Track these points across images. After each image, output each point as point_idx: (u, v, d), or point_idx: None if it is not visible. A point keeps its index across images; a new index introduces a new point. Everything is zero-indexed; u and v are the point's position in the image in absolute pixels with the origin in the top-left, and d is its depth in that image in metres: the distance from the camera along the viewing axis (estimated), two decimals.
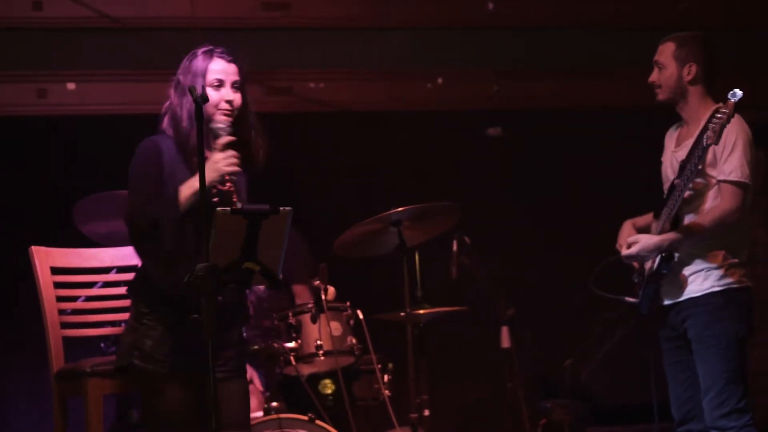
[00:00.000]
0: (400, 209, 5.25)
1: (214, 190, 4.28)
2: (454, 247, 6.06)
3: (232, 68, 4.49)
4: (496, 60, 7.33)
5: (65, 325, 4.87)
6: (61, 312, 4.89)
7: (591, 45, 7.38)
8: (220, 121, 4.34)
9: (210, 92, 4.35)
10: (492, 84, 7.33)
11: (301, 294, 6.01)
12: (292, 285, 6.00)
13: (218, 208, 3.97)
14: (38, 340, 4.93)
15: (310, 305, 5.37)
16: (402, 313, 5.38)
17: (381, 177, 6.96)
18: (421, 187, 6.51)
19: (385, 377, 5.60)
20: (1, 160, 6.57)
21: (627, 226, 4.85)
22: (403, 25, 7.23)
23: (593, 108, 7.33)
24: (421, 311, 5.47)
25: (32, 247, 4.91)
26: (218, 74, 4.46)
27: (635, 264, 4.77)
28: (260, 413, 5.11)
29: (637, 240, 4.65)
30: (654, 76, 4.79)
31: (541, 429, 6.60)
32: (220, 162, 4.24)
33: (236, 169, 4.25)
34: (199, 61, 4.49)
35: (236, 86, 4.47)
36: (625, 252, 4.69)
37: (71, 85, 6.80)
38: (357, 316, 5.44)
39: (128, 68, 6.51)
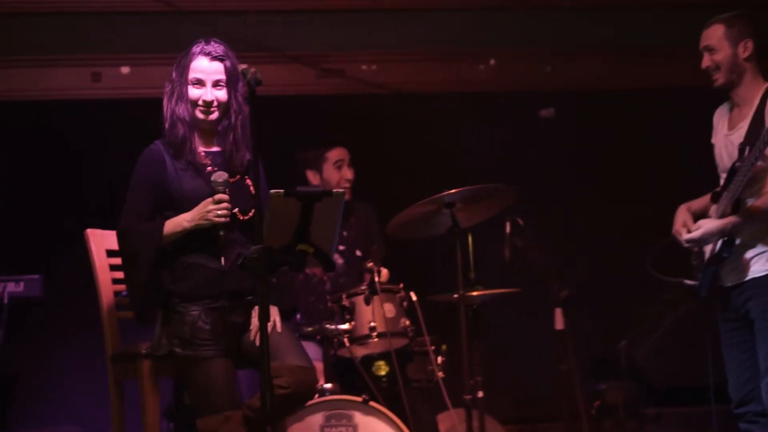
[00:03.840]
0: (453, 191, 5.24)
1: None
2: (507, 229, 6.03)
3: (214, 67, 4.56)
4: (549, 40, 7.29)
5: (121, 307, 4.91)
6: (117, 294, 4.93)
7: (643, 24, 7.31)
8: (219, 175, 4.47)
9: (190, 90, 4.47)
10: (545, 65, 7.30)
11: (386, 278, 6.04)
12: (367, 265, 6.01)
13: (272, 190, 4.00)
14: (94, 322, 4.97)
15: (363, 287, 5.37)
16: (455, 295, 5.36)
17: (434, 158, 6.94)
18: (474, 168, 6.48)
19: (439, 359, 5.60)
20: (56, 143, 6.62)
21: (682, 211, 4.80)
22: (456, 5, 7.21)
23: (647, 88, 7.27)
24: (475, 293, 5.46)
25: (88, 230, 4.95)
26: (198, 73, 4.56)
27: (695, 248, 4.74)
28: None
29: (699, 225, 4.62)
30: (707, 62, 4.74)
31: (595, 411, 6.58)
32: (211, 212, 4.43)
33: (224, 220, 4.43)
34: (184, 60, 4.57)
35: (219, 85, 4.52)
36: (687, 236, 4.65)
37: (125, 69, 6.85)
38: (410, 297, 5.43)
39: (182, 52, 6.54)
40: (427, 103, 7.08)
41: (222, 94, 4.54)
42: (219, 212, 4.43)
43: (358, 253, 6.06)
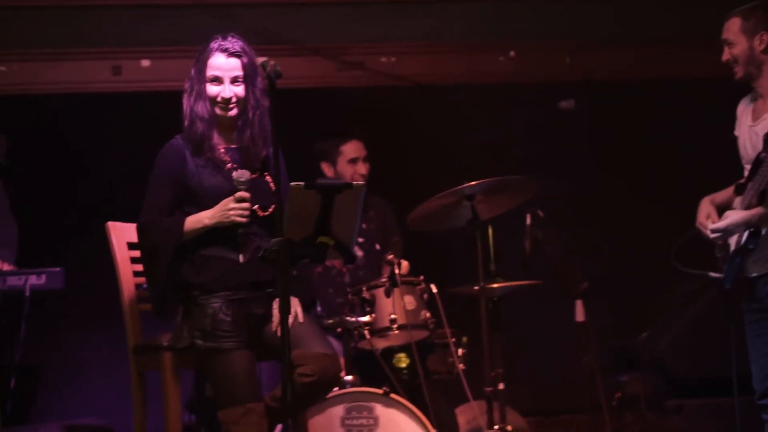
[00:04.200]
0: (473, 183, 5.24)
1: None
2: (528, 221, 6.02)
3: (231, 63, 4.57)
4: (568, 32, 7.27)
5: (142, 300, 4.93)
6: (138, 286, 4.94)
7: (664, 14, 7.28)
8: (241, 174, 4.46)
9: (209, 87, 4.48)
10: (565, 56, 7.28)
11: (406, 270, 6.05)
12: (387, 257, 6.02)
13: (292, 183, 4.00)
14: (116, 314, 4.99)
15: (383, 279, 5.37)
16: (476, 287, 5.36)
17: (454, 151, 6.93)
18: (494, 160, 6.47)
19: (460, 351, 5.60)
20: (76, 135, 6.63)
21: (706, 203, 4.78)
22: None
23: (668, 78, 7.25)
24: (495, 285, 5.47)
25: (108, 222, 4.97)
26: (215, 70, 4.57)
27: (719, 240, 4.72)
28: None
29: (725, 216, 4.61)
30: (726, 55, 4.74)
31: (617, 402, 6.57)
32: (232, 212, 4.44)
33: (243, 221, 4.44)
34: (202, 57, 4.58)
35: (237, 81, 4.53)
36: (713, 225, 4.64)
37: (146, 62, 6.86)
38: (431, 290, 5.43)
39: (202, 45, 6.55)
40: (447, 95, 7.08)
41: (240, 89, 4.55)
42: (240, 211, 4.44)
43: (378, 246, 6.06)
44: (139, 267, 4.94)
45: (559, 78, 7.25)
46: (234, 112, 4.56)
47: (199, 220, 4.50)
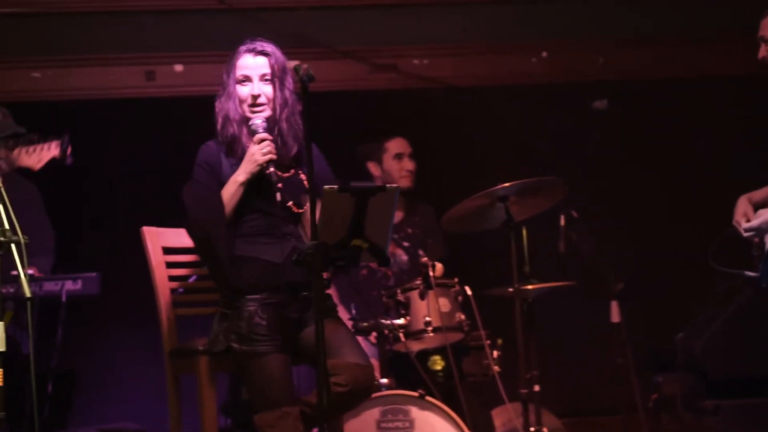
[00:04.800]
0: (506, 184, 5.23)
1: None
2: (562, 222, 6.01)
3: (259, 62, 4.60)
4: (601, 31, 7.24)
5: (177, 304, 4.95)
6: (173, 291, 4.96)
7: (697, 12, 7.25)
8: (253, 119, 4.52)
9: (238, 88, 4.51)
10: (598, 56, 7.25)
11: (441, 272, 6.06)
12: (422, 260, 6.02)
13: (326, 186, 4.01)
14: (151, 319, 5.01)
15: (418, 282, 5.37)
16: (510, 289, 5.36)
17: (487, 152, 6.92)
18: (527, 161, 6.46)
19: (495, 353, 5.59)
20: (110, 141, 6.66)
21: (743, 201, 4.75)
22: None
23: (701, 76, 7.21)
24: (530, 286, 5.45)
25: (143, 227, 4.99)
26: (244, 70, 4.61)
27: (755, 238, 4.69)
28: None
29: (759, 214, 4.58)
30: (762, 52, 4.71)
31: (652, 403, 6.54)
32: (256, 153, 4.47)
33: (272, 156, 4.47)
34: (231, 60, 4.64)
35: (266, 79, 4.55)
36: (746, 224, 4.61)
37: (179, 67, 6.89)
38: (465, 292, 5.42)
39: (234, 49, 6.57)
40: (480, 96, 7.07)
41: (269, 88, 4.57)
42: (264, 150, 4.47)
43: (421, 252, 6.08)
44: (175, 271, 4.97)
45: (591, 78, 7.23)
46: (264, 113, 4.57)
47: (231, 182, 4.52)
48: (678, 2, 7.24)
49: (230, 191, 4.51)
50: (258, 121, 4.53)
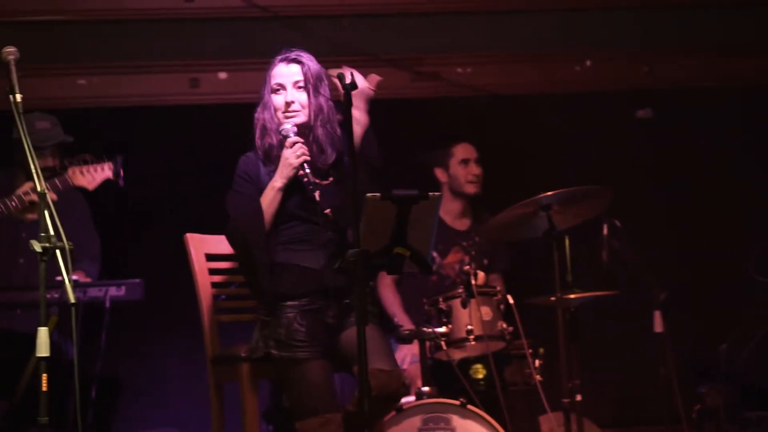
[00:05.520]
0: (549, 193, 5.22)
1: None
2: (605, 231, 5.98)
3: (292, 69, 4.64)
4: (645, 40, 7.22)
5: (220, 311, 4.97)
6: (216, 298, 4.98)
7: (742, 21, 7.21)
8: (285, 124, 4.57)
9: (273, 98, 4.54)
10: (642, 64, 7.23)
11: (494, 281, 6.06)
12: (490, 274, 6.05)
13: (368, 194, 4.01)
14: (194, 324, 5.03)
15: (460, 290, 5.36)
16: (552, 298, 5.34)
17: (529, 161, 6.90)
18: (570, 170, 6.44)
19: (537, 362, 5.58)
20: (154, 148, 6.70)
21: None
22: (551, 6, 7.17)
23: (746, 86, 7.17)
24: (572, 296, 5.43)
25: (187, 234, 5.02)
26: (277, 78, 4.67)
27: None
28: (412, 398, 5.13)
29: None
30: None
31: (695, 414, 6.50)
32: (290, 157, 4.52)
33: (305, 158, 4.52)
34: (268, 72, 4.67)
35: (299, 86, 4.57)
36: None
37: (222, 74, 6.92)
38: (507, 300, 5.42)
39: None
40: (523, 104, 7.05)
41: (302, 95, 4.59)
42: (297, 153, 4.51)
43: (486, 261, 6.09)
44: (218, 278, 4.99)
45: (635, 86, 7.20)
46: (297, 119, 4.59)
47: (270, 188, 4.56)
48: (722, 12, 7.20)
49: (269, 198, 4.54)
50: (287, 126, 4.56)
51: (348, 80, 4.06)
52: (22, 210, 5.06)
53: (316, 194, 4.51)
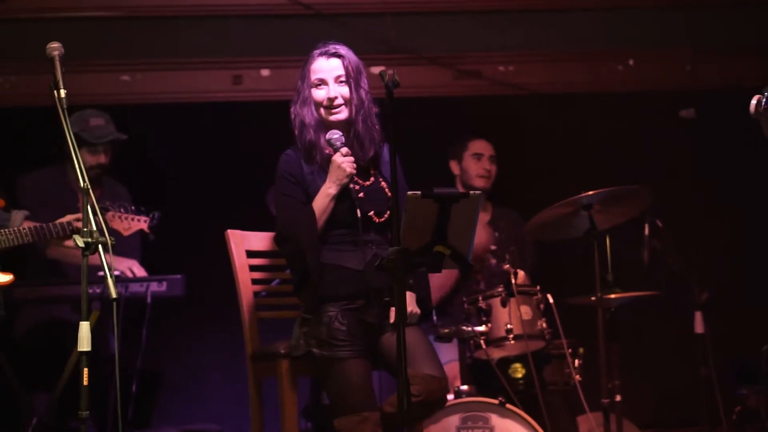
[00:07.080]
0: (590, 193, 5.21)
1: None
2: (646, 231, 5.97)
3: (333, 64, 4.60)
4: (688, 39, 7.18)
5: (260, 307, 4.98)
6: (256, 294, 4.99)
7: None
8: (332, 133, 4.54)
9: (314, 92, 4.51)
10: (685, 64, 7.19)
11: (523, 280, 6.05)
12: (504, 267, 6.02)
13: (409, 192, 4.01)
14: (234, 321, 5.05)
15: (500, 289, 5.36)
16: (593, 298, 5.33)
17: (571, 160, 6.88)
18: (612, 170, 6.41)
19: (576, 362, 5.57)
20: (196, 144, 6.73)
21: None
22: (594, 5, 7.15)
23: None
24: (613, 295, 5.42)
25: (228, 230, 5.02)
26: (319, 73, 4.61)
27: None
28: (451, 396, 5.12)
29: None
30: None
31: (736, 416, 6.46)
32: (344, 164, 4.48)
33: (354, 168, 4.49)
34: (306, 65, 4.65)
35: (341, 81, 4.55)
36: None
37: (266, 72, 6.94)
38: (547, 300, 5.40)
39: None
40: (565, 103, 7.04)
41: (345, 89, 4.58)
42: (351, 159, 4.50)
43: (508, 256, 6.07)
44: (259, 275, 5.00)
45: (679, 86, 7.16)
46: (342, 115, 4.58)
47: (322, 194, 4.52)
48: (766, 11, 7.15)
49: (323, 204, 4.51)
50: (336, 135, 4.54)
51: (389, 77, 4.05)
52: (62, 238, 5.09)
53: (360, 195, 4.51)
